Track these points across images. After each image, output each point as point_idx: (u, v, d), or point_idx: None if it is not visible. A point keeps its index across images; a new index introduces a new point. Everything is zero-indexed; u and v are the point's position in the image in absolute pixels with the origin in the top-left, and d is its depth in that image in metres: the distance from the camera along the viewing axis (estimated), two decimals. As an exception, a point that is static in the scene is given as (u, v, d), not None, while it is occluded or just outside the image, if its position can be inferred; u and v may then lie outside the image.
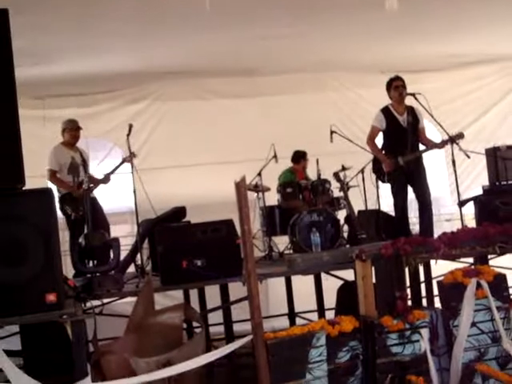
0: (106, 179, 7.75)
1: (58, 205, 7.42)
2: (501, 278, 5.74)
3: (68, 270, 6.73)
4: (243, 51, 8.63)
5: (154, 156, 9.31)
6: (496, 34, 8.93)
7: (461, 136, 7.28)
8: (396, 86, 7.66)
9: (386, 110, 7.78)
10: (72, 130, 7.86)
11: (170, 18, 7.34)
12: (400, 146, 7.61)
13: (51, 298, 4.96)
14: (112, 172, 7.70)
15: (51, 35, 7.41)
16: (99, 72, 8.86)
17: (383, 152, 7.79)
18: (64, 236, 7.19)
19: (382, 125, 7.75)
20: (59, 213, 7.40)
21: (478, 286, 5.58)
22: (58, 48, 7.86)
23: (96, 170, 8.48)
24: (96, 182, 7.71)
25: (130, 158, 7.04)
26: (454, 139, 7.25)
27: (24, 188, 5.10)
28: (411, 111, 7.73)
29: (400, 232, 7.06)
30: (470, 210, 7.63)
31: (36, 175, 8.08)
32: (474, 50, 9.56)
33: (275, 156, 8.20)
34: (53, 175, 7.70)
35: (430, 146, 7.73)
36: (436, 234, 6.21)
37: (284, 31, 8.05)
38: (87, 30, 7.40)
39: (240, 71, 9.41)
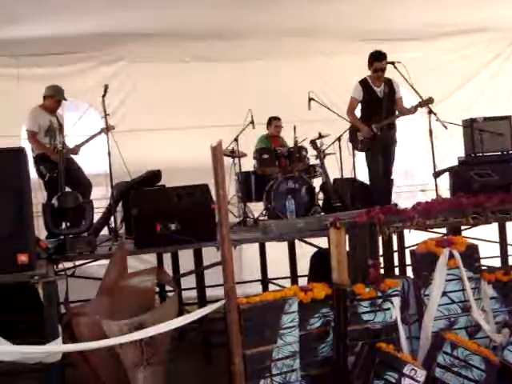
0: (80, 146, 7.67)
1: (33, 165, 7.37)
2: (473, 249, 5.79)
3: (41, 231, 6.66)
4: (221, 14, 8.51)
5: (129, 118, 9.19)
6: (477, 3, 8.88)
7: (430, 101, 7.29)
8: (375, 68, 7.71)
9: (363, 82, 7.87)
10: (58, 100, 7.73)
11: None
12: (375, 114, 7.69)
13: (23, 258, 4.92)
14: (89, 140, 7.63)
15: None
16: (75, 32, 8.70)
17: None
18: (38, 197, 7.10)
19: (359, 95, 7.85)
20: (34, 174, 7.34)
21: (451, 256, 5.63)
22: (31, 8, 7.70)
23: (71, 131, 8.37)
24: (68, 151, 7.61)
25: (106, 129, 6.96)
26: (424, 103, 7.27)
27: (-4, 147, 5.02)
28: (388, 82, 7.81)
29: (374, 200, 7.11)
30: (445, 181, 7.66)
31: (10, 135, 8.00)
32: (455, 18, 9.50)
33: (252, 122, 8.16)
34: (33, 136, 7.60)
35: (402, 111, 7.76)
36: (410, 204, 6.21)
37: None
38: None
39: (218, 35, 9.29)
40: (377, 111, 7.70)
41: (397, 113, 7.79)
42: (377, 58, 7.69)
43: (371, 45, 8.57)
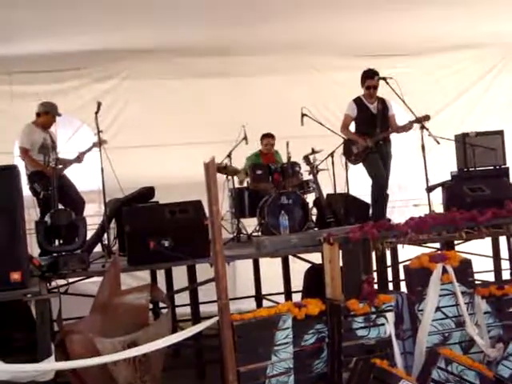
0: (77, 158, 7.68)
1: (27, 183, 7.36)
2: (466, 264, 5.80)
3: (34, 248, 6.64)
4: (215, 31, 8.54)
5: (122, 135, 9.19)
6: (469, 18, 8.93)
7: (426, 118, 7.32)
8: (368, 86, 7.79)
9: (357, 100, 7.94)
10: (53, 116, 7.74)
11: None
12: (370, 130, 7.75)
13: (15, 276, 4.91)
14: (83, 154, 7.64)
15: (19, 12, 7.26)
16: (68, 49, 8.72)
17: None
18: (31, 214, 7.09)
19: (353, 113, 7.91)
20: (28, 191, 7.33)
21: (444, 271, 5.64)
22: (25, 25, 7.72)
23: (64, 148, 8.36)
24: (66, 163, 7.63)
25: (99, 145, 6.95)
26: (419, 120, 7.30)
27: (-11, 165, 5.02)
28: (381, 100, 7.90)
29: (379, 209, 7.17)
30: (438, 195, 7.67)
31: (3, 152, 8.00)
32: (447, 33, 9.55)
33: (245, 138, 8.16)
34: (25, 153, 7.58)
35: (397, 128, 7.82)
36: (404, 219, 6.23)
37: (256, 14, 8.00)
38: (55, 8, 7.28)
39: (211, 51, 9.31)
40: (371, 127, 7.76)
41: (390, 129, 7.82)
42: (368, 76, 7.76)
43: (364, 60, 8.65)
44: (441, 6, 8.34)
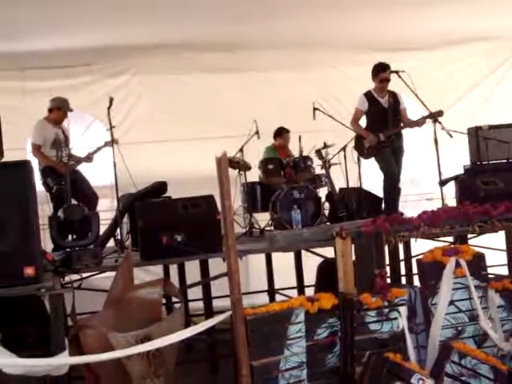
0: (88, 158, 7.71)
1: (40, 178, 7.39)
2: (479, 258, 5.78)
3: (47, 243, 6.67)
4: (225, 26, 8.54)
5: (135, 130, 9.23)
6: (480, 12, 8.88)
7: (440, 113, 7.30)
8: (382, 79, 7.79)
9: (368, 94, 7.95)
10: (65, 112, 7.76)
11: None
12: (381, 125, 7.74)
13: (29, 271, 4.92)
14: (94, 152, 7.67)
15: (30, 8, 7.29)
16: (79, 45, 8.74)
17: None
18: (44, 209, 7.12)
19: (364, 106, 7.92)
20: (41, 186, 7.36)
21: (457, 264, 5.62)
22: (37, 21, 7.75)
23: (76, 143, 8.39)
24: (78, 161, 7.66)
25: (111, 142, 6.97)
26: (433, 116, 7.27)
27: (2, 161, 5.03)
28: (392, 94, 7.90)
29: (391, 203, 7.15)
30: (451, 189, 7.65)
31: (16, 148, 8.01)
32: (458, 27, 9.51)
33: (257, 132, 8.16)
34: (38, 149, 7.62)
35: (410, 122, 7.80)
36: (417, 213, 6.21)
37: (267, 9, 7.99)
38: (66, 4, 7.30)
39: (223, 46, 9.31)
40: (383, 121, 7.76)
41: (401, 124, 7.79)
42: (381, 69, 7.76)
43: (375, 55, 8.60)
44: (452, 1, 8.30)
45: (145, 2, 7.57)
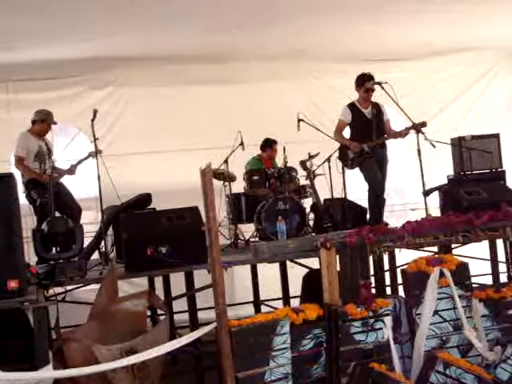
0: (71, 171, 7.68)
1: (23, 190, 7.36)
2: (463, 267, 5.82)
3: (31, 256, 6.64)
4: (210, 37, 8.56)
5: (119, 142, 9.21)
6: (464, 22, 8.96)
7: (423, 124, 7.33)
8: (367, 89, 7.77)
9: (351, 105, 7.94)
10: (49, 124, 7.74)
11: (136, 4, 7.27)
12: (365, 136, 7.73)
13: (13, 284, 4.91)
14: (77, 164, 7.64)
15: (14, 20, 7.28)
16: (64, 57, 8.74)
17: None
18: (27, 222, 7.09)
19: (348, 118, 7.90)
20: (25, 199, 7.33)
21: (441, 274, 5.65)
22: (21, 33, 7.73)
23: (60, 155, 8.36)
24: (60, 173, 7.64)
25: (95, 153, 6.96)
26: (416, 127, 7.31)
27: (-15, 173, 5.02)
28: (375, 105, 7.90)
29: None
30: (435, 199, 7.69)
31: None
32: (442, 38, 9.58)
33: (242, 143, 8.17)
34: (21, 161, 7.58)
35: (394, 134, 7.83)
36: (401, 223, 6.24)
37: (253, 20, 8.02)
38: (50, 16, 7.30)
39: (207, 58, 9.33)
40: (367, 132, 7.75)
41: (385, 135, 7.82)
42: (366, 79, 7.76)
43: (360, 65, 8.64)
44: (436, 11, 8.37)
45: (131, 13, 7.56)
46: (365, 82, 7.76)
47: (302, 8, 7.91)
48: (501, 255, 7.34)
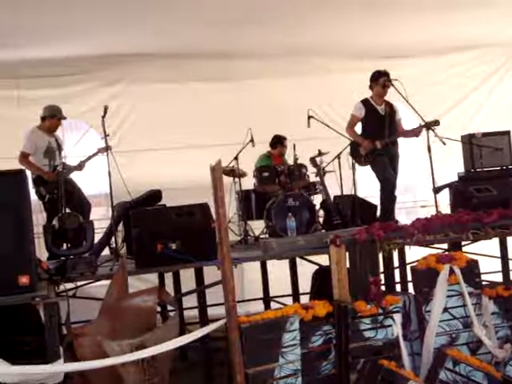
0: (79, 167, 7.70)
1: (32, 186, 7.38)
2: (473, 265, 5.80)
3: (42, 252, 6.67)
4: (220, 34, 8.56)
5: (129, 139, 9.25)
6: (473, 20, 8.93)
7: (436, 123, 7.31)
8: (384, 84, 7.70)
9: (365, 101, 7.89)
10: (59, 120, 7.76)
11: (146, 1, 7.29)
12: (378, 132, 7.69)
13: (24, 280, 4.93)
14: (86, 160, 7.66)
15: (25, 17, 7.31)
16: (73, 54, 8.79)
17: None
18: (38, 219, 7.12)
19: (360, 113, 7.85)
20: (34, 195, 7.36)
21: (451, 271, 5.64)
22: (30, 31, 7.77)
23: (71, 152, 8.40)
24: (70, 169, 7.66)
25: (104, 149, 6.98)
26: (429, 125, 7.29)
27: (-3, 170, 5.05)
28: (389, 104, 7.87)
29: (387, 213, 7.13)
30: (445, 196, 7.67)
31: (10, 157, 8.02)
32: (452, 35, 9.55)
33: (252, 140, 8.17)
34: (25, 157, 7.59)
35: (406, 132, 7.81)
36: (411, 220, 6.23)
37: (261, 15, 8.02)
38: (61, 13, 7.32)
39: (217, 54, 9.34)
40: (380, 129, 7.71)
41: (399, 133, 7.79)
42: (382, 75, 7.72)
43: (370, 62, 8.67)
44: (445, 9, 8.35)
45: (140, 11, 7.59)
46: (381, 77, 7.71)
47: (311, 4, 7.90)
48: (511, 253, 7.33)
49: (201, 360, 6.68)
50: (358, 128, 7.97)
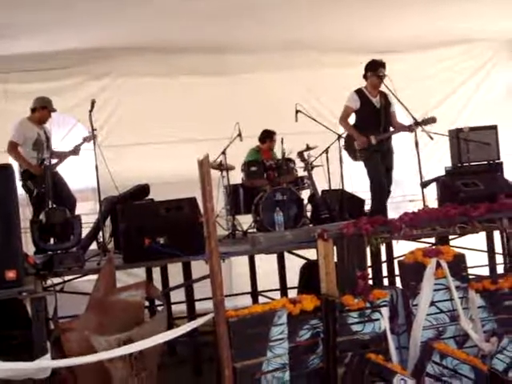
0: (74, 152, 7.68)
1: (19, 179, 7.35)
2: (460, 258, 5.83)
3: (29, 247, 6.64)
4: (208, 28, 8.54)
5: (117, 133, 9.22)
6: (461, 14, 8.96)
7: (433, 120, 7.26)
8: (380, 74, 7.48)
9: (359, 92, 7.68)
10: (49, 111, 7.73)
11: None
12: (373, 126, 7.56)
13: (10, 274, 4.91)
14: (80, 145, 7.66)
15: (13, 10, 7.26)
16: (61, 48, 8.76)
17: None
18: (25, 213, 7.08)
19: (355, 105, 7.64)
20: (21, 189, 7.32)
21: (438, 265, 5.66)
22: (18, 24, 7.73)
23: (58, 145, 8.36)
24: (64, 156, 7.62)
25: (90, 137, 6.96)
26: (426, 122, 7.25)
27: (-17, 163, 5.02)
28: (383, 94, 7.70)
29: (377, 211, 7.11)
30: (432, 191, 7.69)
31: (-2, 150, 7.99)
32: (439, 30, 9.58)
33: (240, 135, 8.16)
34: (14, 148, 7.56)
35: (401, 127, 7.72)
36: (398, 215, 6.24)
37: (255, 9, 8.02)
38: (48, 6, 7.28)
39: (209, 48, 9.32)
40: (374, 122, 7.57)
41: (391, 129, 7.71)
42: (379, 65, 7.53)
43: (358, 57, 8.66)
44: (434, 3, 8.37)
45: (129, 4, 7.55)
46: (377, 67, 7.51)
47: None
48: (497, 247, 7.37)
49: (189, 354, 6.69)
50: (351, 119, 7.79)
